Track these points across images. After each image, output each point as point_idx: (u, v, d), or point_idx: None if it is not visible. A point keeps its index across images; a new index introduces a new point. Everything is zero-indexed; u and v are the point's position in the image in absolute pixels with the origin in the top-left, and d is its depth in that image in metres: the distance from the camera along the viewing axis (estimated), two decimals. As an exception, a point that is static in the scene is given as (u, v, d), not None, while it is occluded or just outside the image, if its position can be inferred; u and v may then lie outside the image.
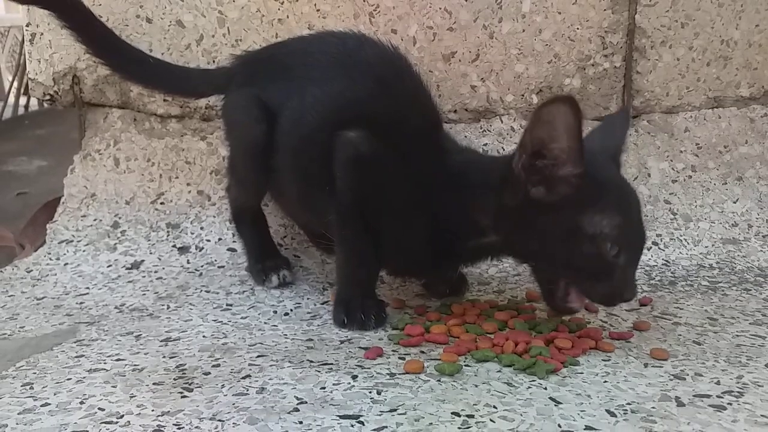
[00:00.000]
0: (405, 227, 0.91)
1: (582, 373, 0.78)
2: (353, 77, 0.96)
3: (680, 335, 0.90)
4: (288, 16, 1.26)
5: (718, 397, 0.72)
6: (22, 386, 0.75)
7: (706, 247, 1.23)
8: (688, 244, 1.24)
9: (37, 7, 1.22)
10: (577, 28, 1.28)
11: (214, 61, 1.27)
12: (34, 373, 0.79)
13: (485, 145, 1.29)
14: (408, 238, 0.91)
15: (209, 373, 0.78)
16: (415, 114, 0.94)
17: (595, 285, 0.83)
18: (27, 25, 1.29)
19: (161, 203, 1.27)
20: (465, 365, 0.80)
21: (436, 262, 0.92)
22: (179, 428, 0.65)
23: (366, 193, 0.91)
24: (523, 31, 1.27)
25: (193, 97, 1.25)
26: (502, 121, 1.31)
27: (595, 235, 0.80)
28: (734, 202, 1.29)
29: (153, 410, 0.69)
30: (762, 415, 0.68)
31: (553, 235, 0.82)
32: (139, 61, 1.16)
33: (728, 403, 0.71)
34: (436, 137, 0.95)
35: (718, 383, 0.76)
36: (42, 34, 1.28)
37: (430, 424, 0.66)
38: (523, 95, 1.30)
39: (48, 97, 1.31)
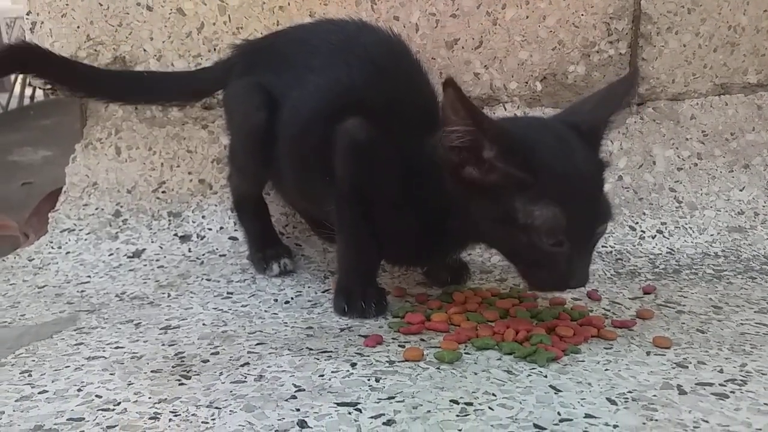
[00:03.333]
0: (400, 214, 0.90)
1: (583, 361, 0.78)
2: (352, 64, 0.95)
3: (684, 323, 0.89)
4: (289, 4, 1.25)
5: (720, 385, 0.72)
6: (20, 373, 0.75)
7: (711, 235, 1.22)
8: (693, 232, 1.22)
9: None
10: (582, 15, 1.26)
11: (215, 49, 1.26)
12: (33, 360, 0.78)
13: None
14: (403, 225, 0.91)
15: (208, 360, 0.78)
16: (412, 100, 0.93)
17: (538, 272, 0.81)
18: (27, 14, 1.28)
19: (162, 192, 1.27)
20: (465, 353, 0.79)
21: (430, 248, 0.91)
22: (176, 415, 0.65)
23: (364, 181, 0.90)
24: (527, 17, 1.26)
25: (198, 98, 1.23)
26: (505, 109, 1.30)
27: (527, 225, 0.76)
28: (740, 190, 1.28)
29: (150, 397, 0.69)
30: (765, 404, 0.67)
31: (490, 221, 0.80)
32: (133, 81, 1.17)
33: (731, 392, 0.70)
34: (433, 124, 0.94)
35: (721, 371, 0.75)
36: (42, 22, 1.27)
37: (428, 411, 0.66)
38: (527, 82, 1.29)
39: (49, 86, 1.30)
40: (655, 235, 1.21)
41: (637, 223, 1.23)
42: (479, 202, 0.80)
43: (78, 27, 1.26)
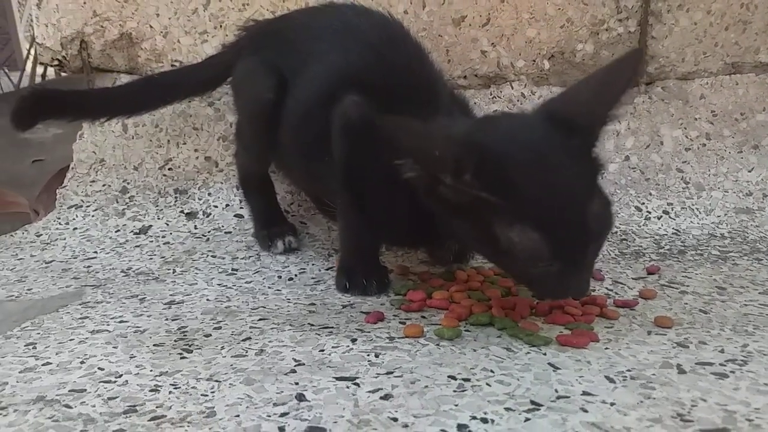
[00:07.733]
0: (396, 196, 0.86)
1: (583, 339, 0.78)
2: (350, 50, 0.94)
3: (686, 304, 0.88)
4: (295, -20, 1.24)
5: (720, 365, 0.71)
6: (25, 346, 0.76)
7: (718, 216, 1.21)
8: (699, 213, 1.21)
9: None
10: (591, -8, 1.25)
11: (221, 26, 1.26)
12: (38, 333, 0.80)
13: (494, 112, 1.27)
14: (399, 208, 0.87)
15: (210, 335, 0.78)
16: (411, 83, 0.91)
17: (533, 286, 0.76)
18: (35, -10, 1.29)
19: (169, 169, 1.28)
20: (465, 330, 0.79)
21: (426, 233, 0.88)
22: (176, 388, 0.66)
23: (359, 160, 0.89)
24: (535, -6, 1.24)
25: (214, 87, 1.19)
26: (512, 88, 1.29)
27: (510, 250, 0.71)
28: (749, 171, 1.27)
29: (151, 370, 0.69)
30: (765, 384, 0.67)
31: (474, 239, 0.77)
32: (148, 89, 1.15)
33: (731, 371, 0.70)
34: (432, 107, 0.90)
35: (722, 351, 0.74)
36: (49, -2, 1.28)
37: (426, 386, 0.66)
38: (534, 61, 1.28)
39: (56, 63, 1.30)
40: (661, 216, 1.20)
41: (643, 203, 1.22)
42: (460, 223, 0.76)
43: (84, 2, 1.26)
